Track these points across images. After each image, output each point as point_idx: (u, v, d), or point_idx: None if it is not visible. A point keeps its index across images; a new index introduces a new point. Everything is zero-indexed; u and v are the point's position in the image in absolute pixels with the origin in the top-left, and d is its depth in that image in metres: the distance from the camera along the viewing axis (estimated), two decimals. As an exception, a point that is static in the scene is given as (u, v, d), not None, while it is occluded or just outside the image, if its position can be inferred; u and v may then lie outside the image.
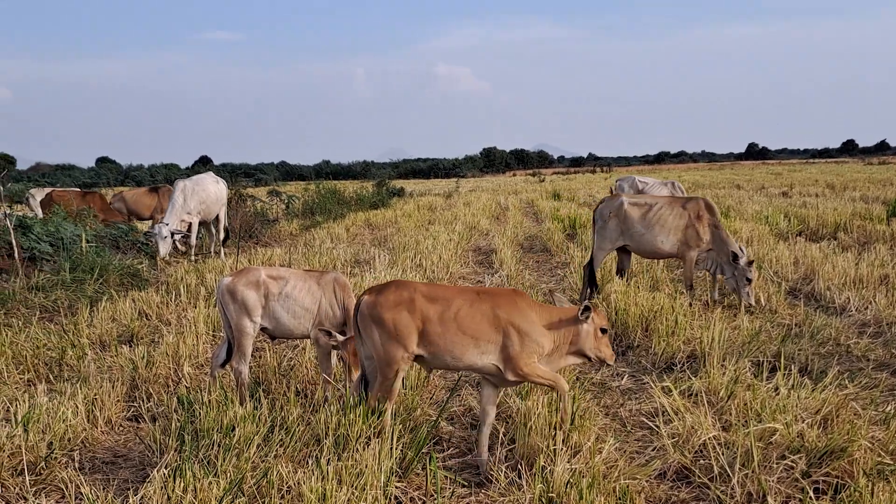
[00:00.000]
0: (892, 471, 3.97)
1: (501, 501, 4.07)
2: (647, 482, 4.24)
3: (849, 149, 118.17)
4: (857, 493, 3.74)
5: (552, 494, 3.91)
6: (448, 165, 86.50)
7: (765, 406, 4.77)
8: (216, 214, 13.58)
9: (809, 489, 3.88)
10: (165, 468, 4.06)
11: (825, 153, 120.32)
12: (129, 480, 4.51)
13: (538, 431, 4.46)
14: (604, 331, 4.55)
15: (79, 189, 20.76)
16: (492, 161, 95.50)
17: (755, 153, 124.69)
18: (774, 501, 3.88)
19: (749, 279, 8.09)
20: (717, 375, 5.50)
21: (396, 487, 4.14)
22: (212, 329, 7.40)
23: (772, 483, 3.98)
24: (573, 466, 4.07)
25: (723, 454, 4.23)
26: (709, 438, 4.39)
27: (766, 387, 5.18)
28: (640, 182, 13.63)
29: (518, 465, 4.39)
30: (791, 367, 5.69)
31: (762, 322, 7.45)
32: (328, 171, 71.09)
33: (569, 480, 3.92)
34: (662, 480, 4.33)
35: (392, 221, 19.64)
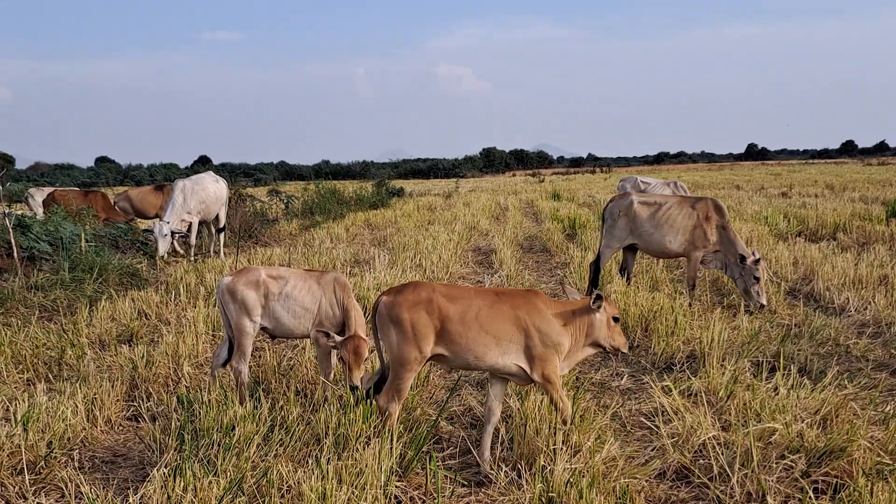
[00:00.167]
0: (892, 471, 3.97)
1: (501, 501, 4.08)
2: (647, 482, 4.24)
3: (848, 149, 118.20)
4: (857, 493, 3.75)
5: (552, 494, 3.91)
6: (448, 165, 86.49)
7: (764, 406, 4.78)
8: (216, 214, 13.59)
9: (809, 489, 3.89)
10: (165, 467, 4.06)
11: (824, 154, 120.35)
12: (129, 480, 4.51)
13: (538, 431, 4.47)
14: (616, 319, 4.64)
15: (78, 189, 20.72)
16: (491, 161, 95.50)
17: (754, 154, 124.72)
18: (774, 501, 3.89)
19: (757, 278, 7.96)
20: (717, 375, 5.50)
21: (396, 487, 4.14)
22: (211, 329, 7.40)
23: (771, 483, 3.98)
24: (573, 466, 4.07)
25: (722, 454, 4.24)
26: (708, 438, 4.39)
27: (766, 387, 5.19)
28: (643, 182, 13.64)
29: (518, 465, 4.40)
30: (790, 368, 5.70)
31: (761, 322, 7.45)
32: (328, 171, 71.10)
33: (569, 480, 3.92)
34: (662, 480, 4.34)
35: (392, 221, 19.64)
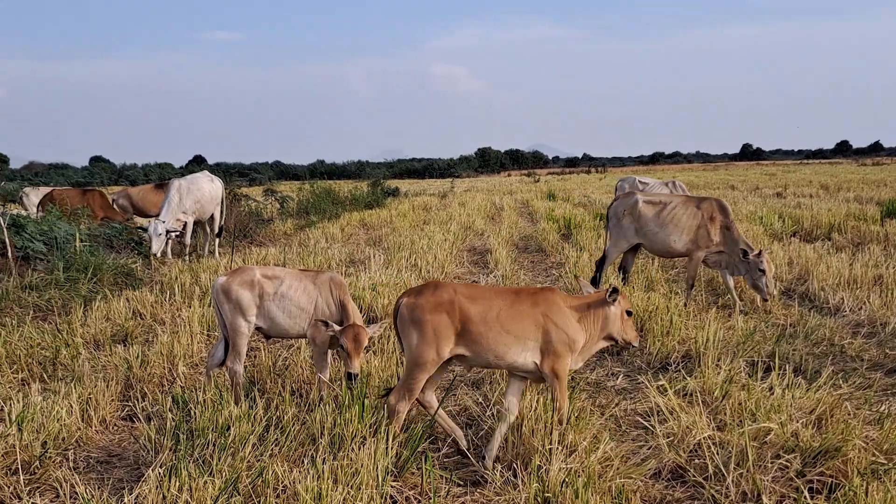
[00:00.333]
0: (887, 470, 3.98)
1: (497, 501, 4.07)
2: (643, 481, 4.25)
3: (843, 150, 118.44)
4: (852, 493, 3.76)
5: (548, 494, 3.91)
6: (443, 165, 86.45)
7: (759, 406, 4.79)
8: (211, 214, 13.58)
9: (804, 488, 3.89)
10: (160, 467, 4.05)
11: (819, 154, 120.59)
12: (124, 480, 4.50)
13: (533, 431, 4.47)
14: (629, 313, 4.71)
15: (72, 187, 20.64)
16: (487, 161, 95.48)
17: (749, 154, 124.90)
18: (769, 501, 3.90)
19: (762, 270, 7.96)
20: (712, 375, 5.51)
21: (392, 487, 4.14)
22: (206, 328, 7.39)
23: (766, 482, 4.00)
24: (569, 466, 4.07)
25: (717, 454, 4.24)
26: (703, 438, 4.40)
27: (761, 387, 5.20)
28: (641, 183, 13.68)
29: (513, 464, 4.40)
30: (785, 367, 5.71)
31: (756, 322, 7.47)
32: (323, 171, 71.01)
33: (564, 480, 3.93)
34: (657, 480, 4.34)
35: (387, 221, 19.62)
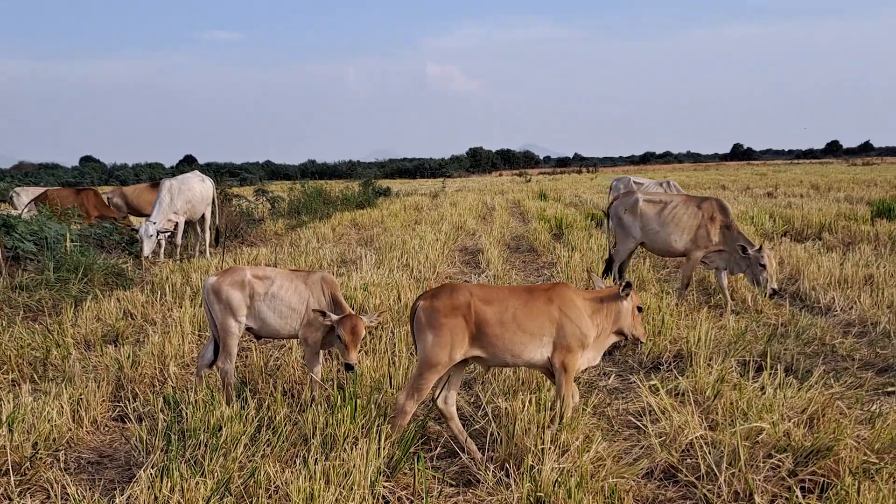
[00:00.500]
0: (878, 469, 4.00)
1: (489, 501, 4.07)
2: (635, 481, 4.25)
3: (833, 150, 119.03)
4: (844, 492, 3.77)
5: (540, 494, 3.91)
6: (434, 165, 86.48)
7: (751, 405, 4.80)
8: (202, 214, 13.54)
9: (796, 488, 3.90)
10: (152, 468, 4.04)
11: (809, 154, 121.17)
12: (116, 480, 4.47)
13: (526, 430, 4.47)
14: (640, 309, 4.76)
15: (70, 187, 20.52)
16: (478, 161, 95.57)
17: (740, 154, 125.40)
18: (761, 500, 3.91)
19: (763, 265, 7.97)
20: (704, 375, 5.52)
21: (384, 487, 4.13)
22: (197, 329, 7.35)
23: (758, 482, 4.00)
24: (561, 465, 4.07)
25: (709, 453, 4.25)
26: (696, 437, 4.41)
27: (753, 386, 5.21)
28: (635, 183, 13.72)
29: (506, 464, 4.39)
30: (777, 367, 5.72)
31: (748, 322, 7.49)
32: (314, 171, 70.93)
33: (557, 479, 3.92)
34: (650, 479, 4.35)
35: (378, 221, 19.61)
